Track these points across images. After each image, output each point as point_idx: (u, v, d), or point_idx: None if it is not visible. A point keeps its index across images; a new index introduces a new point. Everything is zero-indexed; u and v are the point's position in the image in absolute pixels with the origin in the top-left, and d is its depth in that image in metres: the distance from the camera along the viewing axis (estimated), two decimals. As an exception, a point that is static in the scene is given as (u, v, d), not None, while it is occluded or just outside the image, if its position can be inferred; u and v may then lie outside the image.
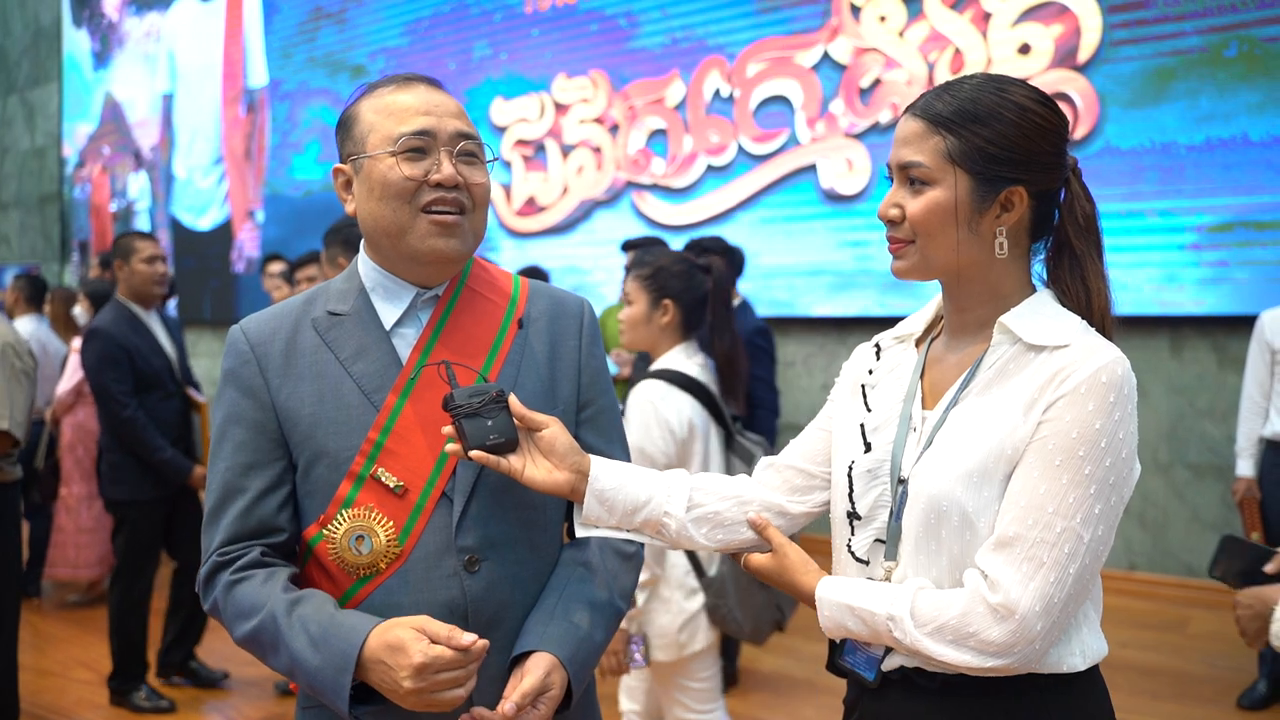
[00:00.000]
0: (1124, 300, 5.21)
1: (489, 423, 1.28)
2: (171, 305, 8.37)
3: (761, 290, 6.43)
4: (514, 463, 1.29)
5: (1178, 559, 5.27)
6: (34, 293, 5.79)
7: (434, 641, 1.20)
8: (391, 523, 1.32)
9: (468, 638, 1.21)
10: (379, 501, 1.32)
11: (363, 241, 1.44)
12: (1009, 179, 1.21)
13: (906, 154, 1.24)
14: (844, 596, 1.24)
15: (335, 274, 2.22)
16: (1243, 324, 5.04)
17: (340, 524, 1.32)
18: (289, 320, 1.40)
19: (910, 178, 1.24)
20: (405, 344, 1.39)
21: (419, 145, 1.33)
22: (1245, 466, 3.89)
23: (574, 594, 1.39)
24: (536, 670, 1.28)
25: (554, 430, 1.32)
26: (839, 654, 1.32)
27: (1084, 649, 1.21)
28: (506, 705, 1.24)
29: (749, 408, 3.86)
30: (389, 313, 1.39)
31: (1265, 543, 3.79)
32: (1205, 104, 5.06)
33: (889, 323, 1.48)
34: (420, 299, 1.40)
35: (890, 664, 1.25)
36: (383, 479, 1.32)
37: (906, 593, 1.19)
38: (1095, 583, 1.22)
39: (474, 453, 1.27)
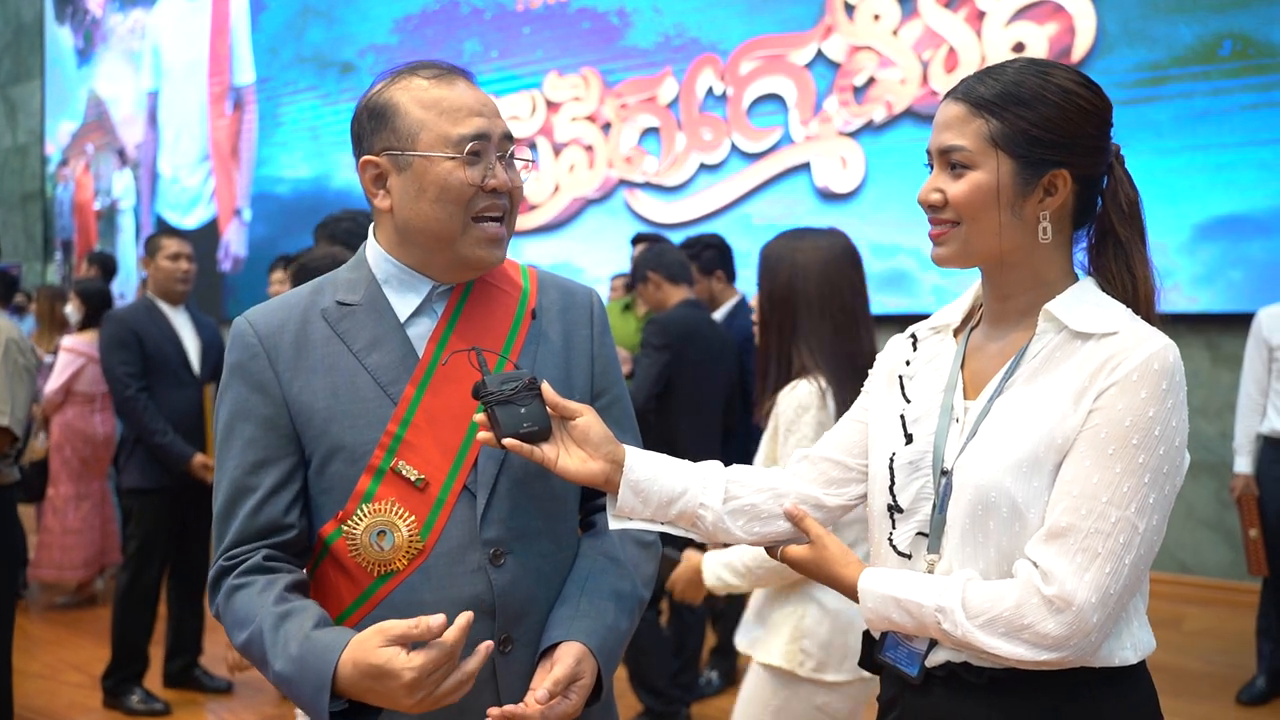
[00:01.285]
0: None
1: (522, 410, 1.24)
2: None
3: (755, 288, 6.42)
4: (547, 452, 1.26)
5: (1172, 556, 5.29)
6: (3, 290, 5.72)
7: (400, 641, 1.14)
8: (413, 517, 1.29)
9: (434, 620, 1.14)
10: (400, 495, 1.29)
11: (373, 230, 1.40)
12: (1053, 162, 1.20)
13: (948, 138, 1.22)
14: (889, 588, 1.21)
15: None
16: (1236, 321, 5.06)
17: (361, 519, 1.29)
18: (297, 311, 1.36)
19: (951, 162, 1.22)
20: (420, 335, 1.35)
21: (478, 149, 1.29)
22: (1243, 464, 3.90)
23: (598, 585, 1.36)
24: (567, 659, 1.25)
25: (588, 419, 1.29)
26: (879, 649, 1.30)
27: (1135, 642, 1.19)
28: (538, 693, 1.21)
29: (749, 405, 3.85)
30: (403, 305, 1.35)
31: (1264, 541, 3.80)
32: (1199, 102, 5.08)
33: (884, 321, 1.46)
34: (435, 291, 1.37)
35: (935, 659, 1.22)
36: (404, 472, 1.29)
37: (956, 584, 1.17)
38: (1146, 575, 1.20)
39: (507, 441, 1.23)
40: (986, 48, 5.61)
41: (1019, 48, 5.51)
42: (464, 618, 1.15)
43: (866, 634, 1.35)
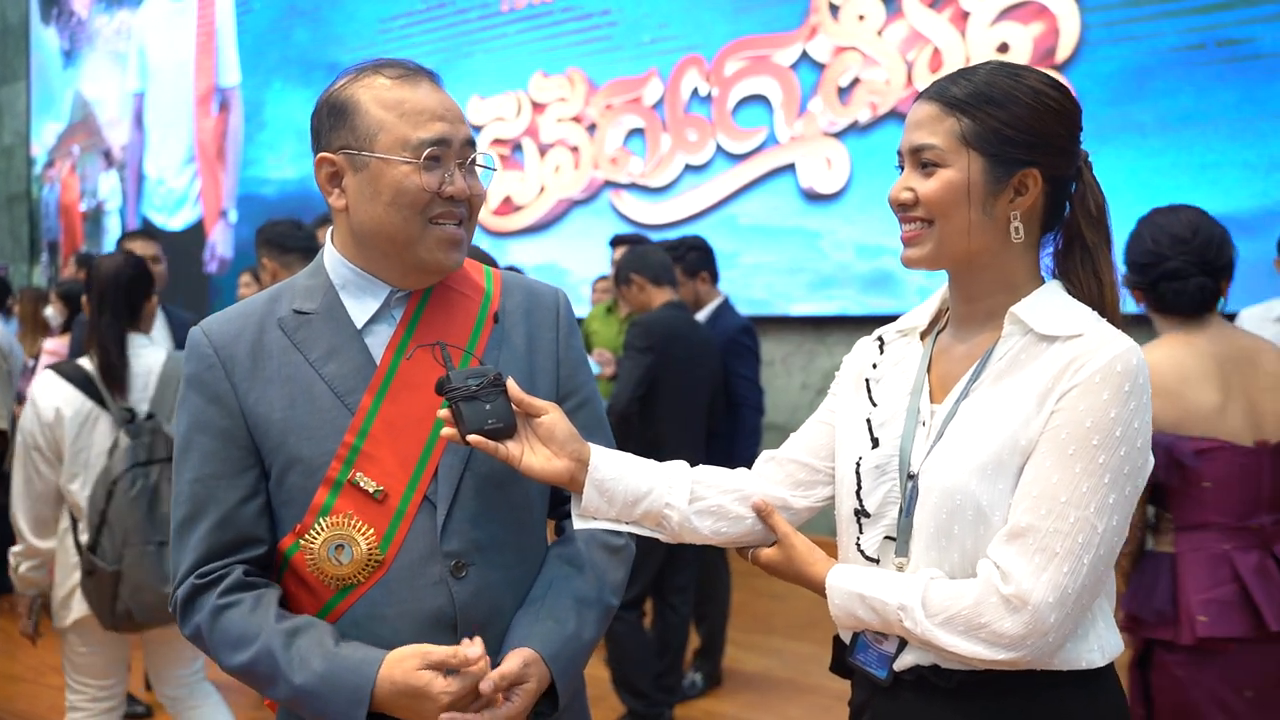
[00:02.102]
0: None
1: (487, 407, 1.22)
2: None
3: (740, 289, 6.41)
4: (512, 449, 1.24)
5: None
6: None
7: (439, 667, 1.19)
8: (372, 530, 1.27)
9: (474, 651, 1.20)
10: (358, 508, 1.27)
11: (330, 236, 1.38)
12: (1023, 161, 1.20)
13: (919, 137, 1.23)
14: (855, 585, 1.21)
15: (267, 278, 2.17)
16: (1220, 321, 5.08)
17: (318, 533, 1.27)
18: (254, 320, 1.34)
19: (923, 161, 1.22)
20: (378, 342, 1.33)
21: (437, 155, 1.27)
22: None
23: (560, 592, 1.35)
24: (513, 660, 1.25)
25: (553, 416, 1.27)
26: (849, 652, 1.29)
27: (1102, 644, 1.19)
28: (485, 682, 1.20)
29: (733, 406, 3.84)
30: (360, 311, 1.33)
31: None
32: (1184, 103, 5.09)
33: (868, 322, 1.46)
34: (394, 296, 1.35)
35: (904, 662, 1.22)
36: (361, 484, 1.27)
37: (919, 582, 1.17)
38: (1109, 576, 1.20)
39: (472, 437, 1.21)
40: (971, 48, 5.62)
41: (1003, 48, 5.52)
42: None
43: (837, 638, 1.35)
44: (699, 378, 3.62)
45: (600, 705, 3.88)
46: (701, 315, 3.96)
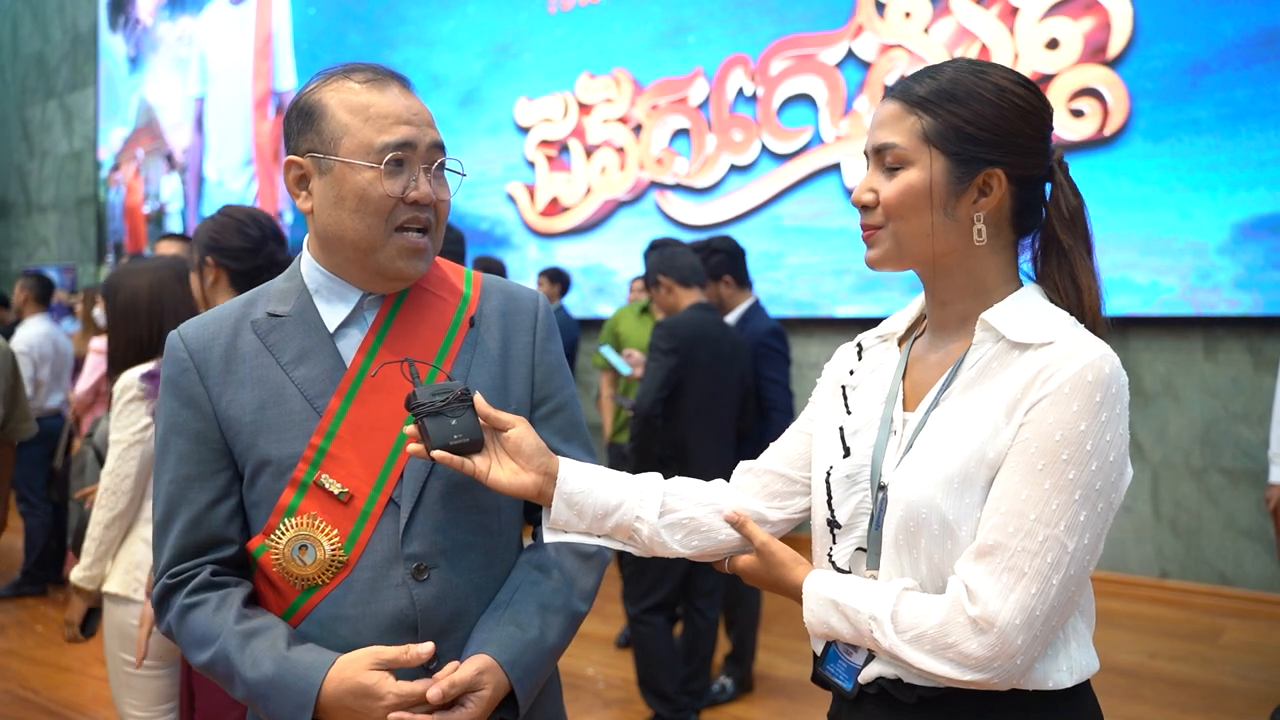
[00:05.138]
0: (1156, 301, 5.09)
1: (453, 422, 1.22)
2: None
3: (785, 290, 6.36)
4: (479, 464, 1.23)
5: (1211, 567, 5.13)
6: (42, 292, 5.85)
7: (391, 668, 1.20)
8: (336, 531, 1.27)
9: (425, 648, 1.20)
10: (323, 509, 1.27)
11: (307, 240, 1.38)
12: (986, 160, 1.16)
13: (882, 136, 1.19)
14: (831, 591, 1.18)
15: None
16: (1278, 325, 4.90)
17: (284, 534, 1.28)
18: (228, 324, 1.35)
19: (886, 161, 1.19)
20: (350, 346, 1.33)
21: (400, 159, 1.26)
22: (1278, 473, 3.75)
23: (525, 597, 1.33)
24: (468, 667, 1.23)
25: (520, 430, 1.26)
26: (820, 663, 1.26)
27: (1072, 665, 1.14)
28: (432, 691, 1.19)
29: (762, 409, 3.80)
30: (333, 315, 1.34)
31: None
32: (1240, 98, 4.92)
33: None
34: (367, 300, 1.34)
35: (868, 674, 1.18)
36: (326, 485, 1.27)
37: (891, 594, 1.13)
38: (1085, 594, 1.15)
39: (437, 453, 1.21)
40: (1019, 45, 5.49)
41: (1053, 44, 5.38)
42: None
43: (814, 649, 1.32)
44: (726, 380, 3.58)
45: (628, 708, 3.87)
46: (731, 317, 3.92)
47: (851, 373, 1.33)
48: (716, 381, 3.54)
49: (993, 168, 1.16)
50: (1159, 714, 3.79)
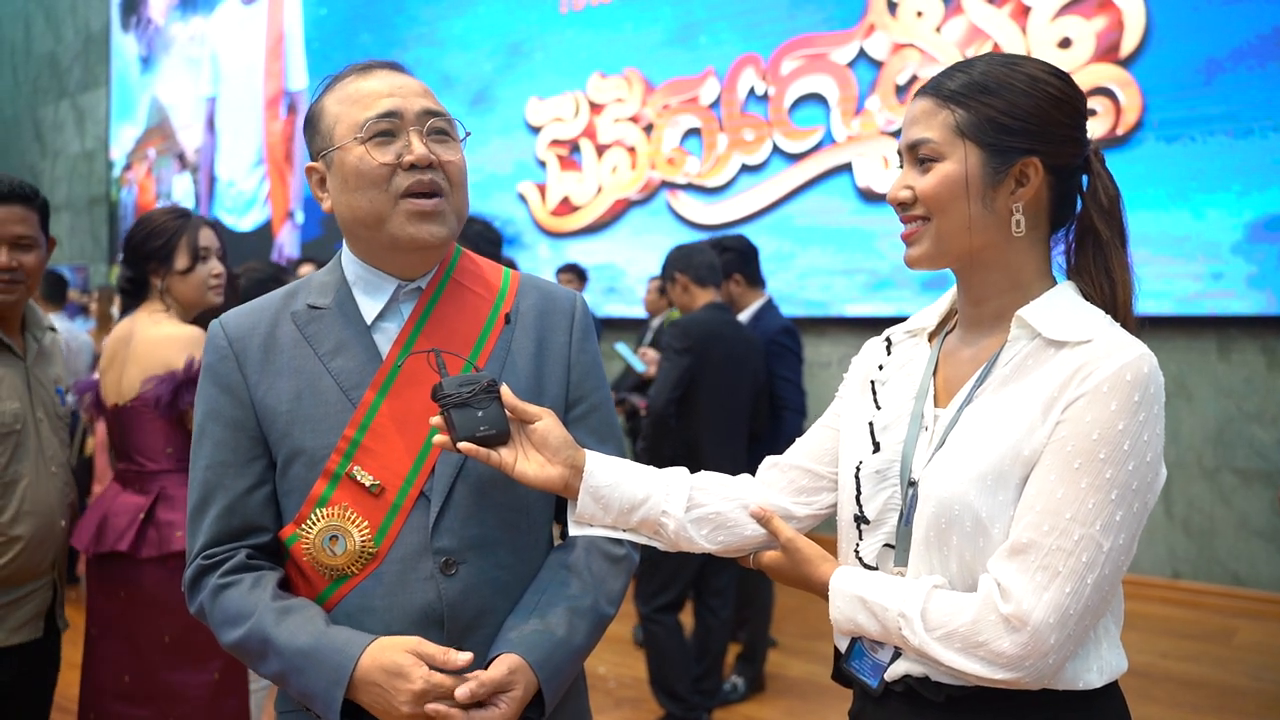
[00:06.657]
0: (1170, 301, 5.07)
1: (479, 413, 1.22)
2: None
3: (796, 290, 6.36)
4: (505, 456, 1.24)
5: (1224, 567, 5.12)
6: (54, 290, 5.88)
7: (429, 662, 1.19)
8: (367, 523, 1.28)
9: (463, 657, 1.20)
10: (354, 501, 1.29)
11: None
12: (1022, 150, 1.16)
13: (915, 132, 1.20)
14: (858, 588, 1.18)
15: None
16: (1293, 325, 4.89)
17: (315, 523, 1.29)
18: (269, 314, 1.37)
19: (920, 157, 1.19)
20: (386, 339, 1.35)
21: (387, 128, 1.28)
22: (1293, 472, 3.75)
23: (553, 597, 1.33)
24: (499, 666, 1.24)
25: (547, 423, 1.26)
26: (845, 658, 1.26)
27: (1102, 665, 1.14)
28: (459, 690, 1.19)
29: (775, 409, 3.80)
30: (370, 307, 1.35)
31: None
32: (1253, 97, 4.91)
33: None
34: (403, 291, 1.36)
35: (894, 672, 1.18)
36: (358, 477, 1.28)
37: (921, 590, 1.13)
38: (1116, 594, 1.15)
39: (463, 444, 1.21)
40: (1031, 43, 5.48)
41: (1065, 43, 5.37)
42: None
43: (836, 647, 1.32)
44: (739, 379, 3.58)
45: (640, 707, 3.87)
46: (744, 316, 3.92)
47: (880, 368, 1.33)
48: (730, 381, 3.54)
49: (1028, 157, 1.16)
50: (1171, 714, 3.78)
